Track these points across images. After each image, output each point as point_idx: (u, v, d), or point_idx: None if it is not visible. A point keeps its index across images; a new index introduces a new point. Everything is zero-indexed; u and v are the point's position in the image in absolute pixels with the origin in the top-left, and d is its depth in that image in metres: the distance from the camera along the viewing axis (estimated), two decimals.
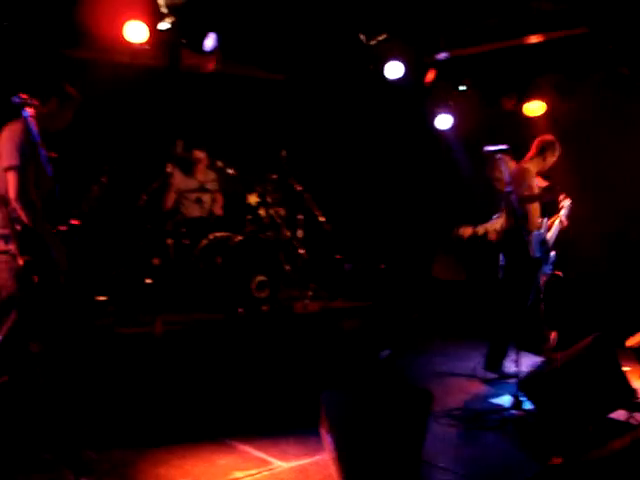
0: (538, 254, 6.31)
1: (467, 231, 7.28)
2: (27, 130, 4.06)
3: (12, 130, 4.51)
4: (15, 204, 4.40)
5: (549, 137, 6.61)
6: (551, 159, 6.56)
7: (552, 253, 6.62)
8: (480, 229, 7.27)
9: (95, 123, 7.23)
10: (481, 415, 5.19)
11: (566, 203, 6.87)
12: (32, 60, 6.55)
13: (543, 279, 6.47)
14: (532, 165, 6.50)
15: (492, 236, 7.07)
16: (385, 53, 7.73)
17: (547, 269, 6.57)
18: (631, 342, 6.63)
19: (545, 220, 6.59)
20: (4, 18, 6.19)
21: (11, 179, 4.41)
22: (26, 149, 4.40)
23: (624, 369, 5.18)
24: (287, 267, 7.17)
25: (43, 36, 6.55)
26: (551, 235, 6.69)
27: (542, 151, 6.52)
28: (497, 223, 7.00)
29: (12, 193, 4.40)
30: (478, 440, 4.79)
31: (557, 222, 6.77)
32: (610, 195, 7.53)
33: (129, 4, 6.50)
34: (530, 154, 6.55)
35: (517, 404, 5.25)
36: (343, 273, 7.75)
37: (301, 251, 7.30)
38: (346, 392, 3.92)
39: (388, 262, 8.38)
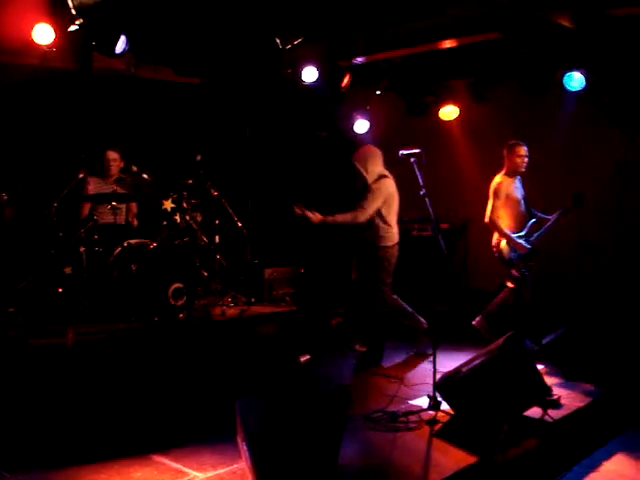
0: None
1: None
2: None
3: None
4: None
5: (510, 141, 6.97)
6: (516, 159, 6.85)
7: None
8: None
9: (3, 128, 7.03)
10: (400, 416, 5.21)
11: None
12: None
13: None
14: (506, 171, 6.92)
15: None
16: (301, 57, 7.72)
17: None
18: (546, 340, 6.81)
19: None
20: None
21: None
22: None
23: (538, 367, 5.29)
24: (204, 273, 7.09)
25: None
26: None
27: (506, 155, 6.92)
28: None
29: None
30: (396, 442, 4.79)
31: None
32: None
33: (38, 6, 6.33)
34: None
35: (435, 405, 5.28)
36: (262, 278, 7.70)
37: (218, 257, 7.23)
38: (261, 399, 3.87)
39: (308, 266, 8.36)
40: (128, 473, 4.29)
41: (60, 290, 6.31)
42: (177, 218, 6.94)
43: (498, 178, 6.91)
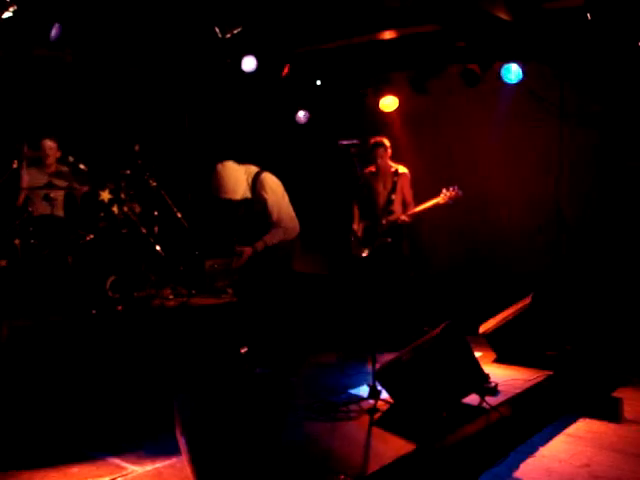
0: None
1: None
2: None
3: None
4: None
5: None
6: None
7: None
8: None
9: None
10: (340, 406, 5.24)
11: None
12: None
13: None
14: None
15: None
16: (241, 47, 7.68)
17: None
18: (483, 328, 6.94)
19: None
20: None
21: None
22: None
23: (476, 354, 5.37)
24: (143, 265, 7.00)
25: None
26: None
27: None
28: None
29: None
30: (336, 432, 4.82)
31: None
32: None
33: None
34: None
35: (374, 393, 5.33)
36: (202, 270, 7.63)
37: (157, 248, 7.14)
38: (199, 392, 3.84)
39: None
40: (64, 469, 4.22)
41: None
42: (115, 209, 6.83)
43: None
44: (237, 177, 6.22)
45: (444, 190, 7.01)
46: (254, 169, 6.35)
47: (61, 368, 5.36)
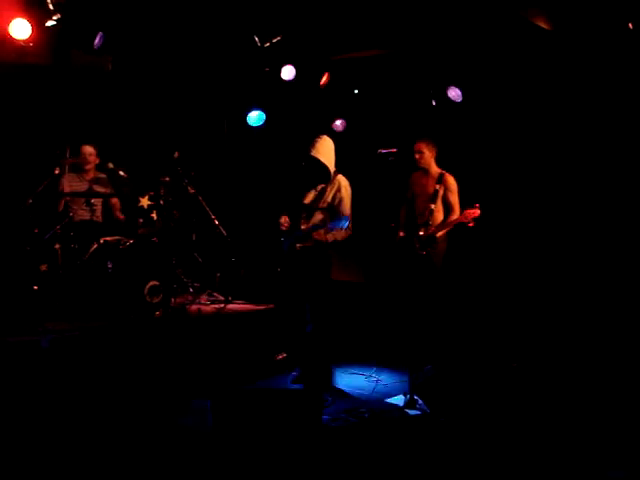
0: None
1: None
2: None
3: None
4: None
5: None
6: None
7: None
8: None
9: None
10: (376, 415, 5.23)
11: None
12: None
13: None
14: None
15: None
16: (280, 55, 7.74)
17: None
18: None
19: None
20: None
21: None
22: None
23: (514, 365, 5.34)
24: (181, 271, 7.06)
25: None
26: None
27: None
28: None
29: None
30: (373, 440, 4.81)
31: None
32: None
33: (15, 1, 6.29)
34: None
35: (411, 403, 5.31)
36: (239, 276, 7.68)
37: (195, 254, 7.20)
38: (237, 397, 3.86)
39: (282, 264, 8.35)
40: None
41: (35, 288, 6.26)
42: (154, 215, 6.90)
43: None
44: (331, 151, 6.23)
45: (465, 211, 6.83)
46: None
47: (98, 371, 5.43)
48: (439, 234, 6.81)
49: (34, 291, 6.29)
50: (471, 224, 6.59)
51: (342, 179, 6.21)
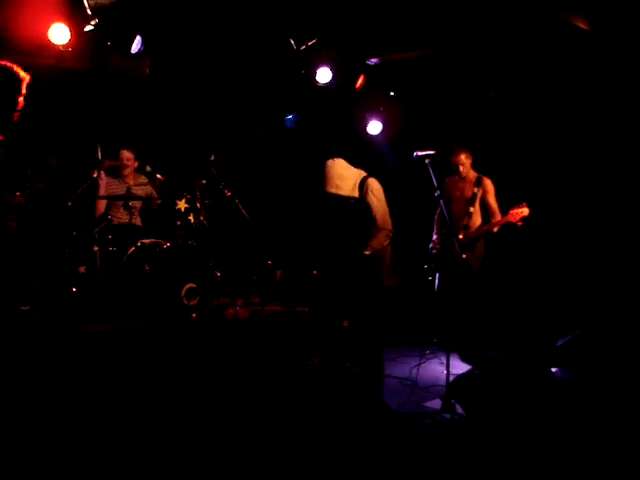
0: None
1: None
2: None
3: None
4: None
5: None
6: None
7: None
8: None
9: (19, 128, 7.04)
10: (413, 419, 5.20)
11: None
12: None
13: None
14: None
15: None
16: (315, 58, 7.73)
17: None
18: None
19: None
20: None
21: None
22: None
23: (552, 370, 5.26)
24: (217, 273, 7.08)
25: None
26: None
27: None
28: None
29: None
30: (409, 443, 4.78)
31: None
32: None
33: (54, 6, 6.37)
34: None
35: (448, 407, 5.27)
36: (275, 279, 7.69)
37: (232, 257, 7.22)
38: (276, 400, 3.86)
39: (321, 268, 8.34)
40: None
41: (74, 289, 6.33)
42: (191, 218, 6.94)
43: None
44: (344, 174, 6.17)
45: (512, 210, 6.73)
46: (363, 172, 6.31)
47: (138, 373, 5.46)
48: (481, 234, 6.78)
49: (73, 293, 6.36)
50: (519, 224, 6.52)
51: (370, 183, 6.21)
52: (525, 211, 6.46)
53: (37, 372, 5.11)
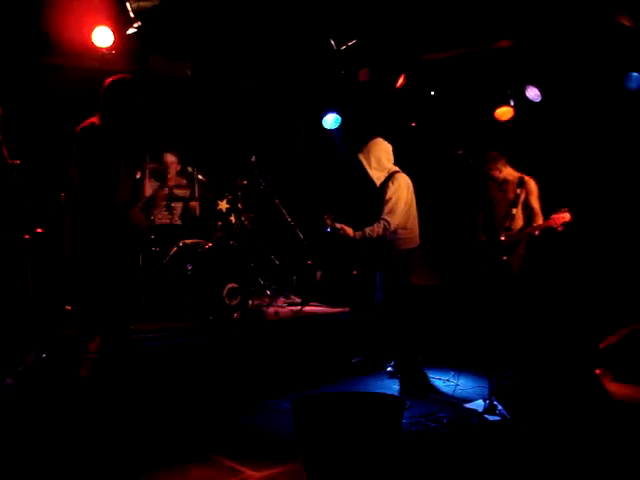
0: None
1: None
2: None
3: None
4: None
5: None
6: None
7: None
8: None
9: (63, 130, 7.15)
10: (455, 420, 5.17)
11: None
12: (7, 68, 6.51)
13: None
14: None
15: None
16: (356, 58, 7.74)
17: None
18: (602, 346, 6.68)
19: None
20: None
21: None
22: None
23: (597, 373, 5.20)
24: (258, 274, 7.13)
25: (11, 43, 6.48)
26: None
27: None
28: None
29: None
30: (452, 445, 4.76)
31: None
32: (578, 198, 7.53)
33: (97, 9, 6.44)
34: None
35: (490, 409, 5.23)
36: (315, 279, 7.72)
37: (272, 257, 7.26)
38: (317, 400, 3.87)
39: (361, 268, 8.35)
40: (185, 470, 4.33)
41: None
42: (232, 219, 6.99)
43: None
44: (382, 158, 6.32)
45: (554, 215, 6.65)
46: (397, 168, 6.40)
47: (180, 371, 5.52)
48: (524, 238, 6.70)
49: None
50: (560, 229, 6.43)
51: (398, 176, 6.25)
52: (567, 217, 6.37)
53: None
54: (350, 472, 3.58)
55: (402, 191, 6.27)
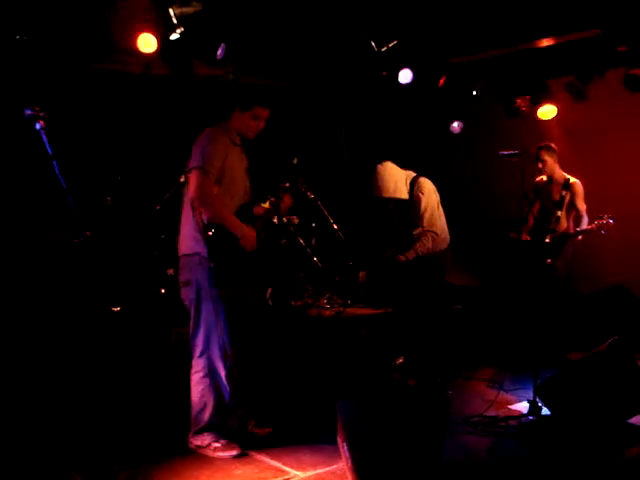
0: None
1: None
2: None
3: (205, 134, 4.75)
4: (195, 204, 4.56)
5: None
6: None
7: None
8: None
9: (109, 134, 7.28)
10: (499, 421, 5.15)
11: None
12: (54, 73, 6.63)
13: None
14: None
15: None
16: (397, 59, 7.73)
17: None
18: None
19: None
20: (23, 32, 6.23)
21: (191, 179, 4.59)
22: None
23: None
24: (301, 275, 7.16)
25: (62, 48, 6.61)
26: None
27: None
28: None
29: (191, 193, 4.57)
30: (496, 447, 4.74)
31: None
32: (625, 200, 7.43)
33: (141, 15, 6.55)
34: None
35: (535, 410, 5.20)
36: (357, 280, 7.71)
37: (314, 259, 7.29)
38: (362, 400, 3.89)
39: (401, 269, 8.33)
40: (229, 470, 4.38)
41: (162, 291, 6.49)
42: (274, 220, 7.02)
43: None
44: (396, 176, 6.28)
45: (597, 221, 6.58)
46: (412, 173, 6.38)
47: None
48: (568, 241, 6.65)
49: (161, 294, 6.52)
50: (603, 233, 6.40)
51: (421, 182, 6.27)
52: (610, 222, 6.33)
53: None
54: (398, 469, 3.61)
55: (432, 197, 6.32)
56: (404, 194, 6.26)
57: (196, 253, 4.62)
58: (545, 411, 5.16)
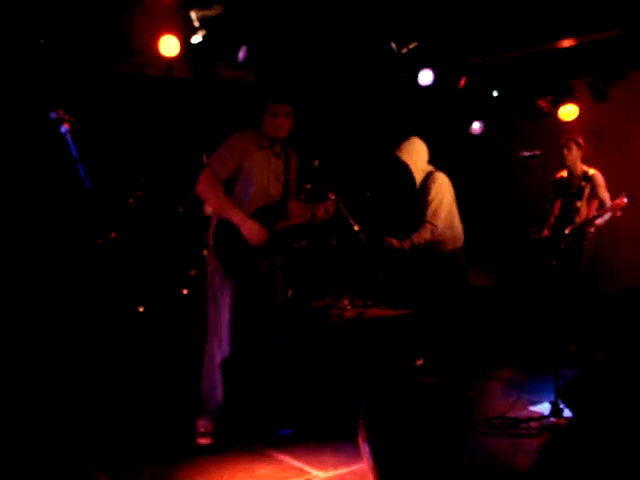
0: None
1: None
2: None
3: (228, 138, 4.89)
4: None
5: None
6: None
7: None
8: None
9: (131, 136, 7.34)
10: (520, 423, 5.14)
11: None
12: (77, 76, 6.70)
13: None
14: None
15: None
16: (417, 61, 7.74)
17: None
18: None
19: None
20: (43, 36, 6.31)
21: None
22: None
23: None
24: (322, 276, 7.18)
25: (86, 52, 6.69)
26: None
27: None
28: None
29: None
30: (517, 448, 4.74)
31: None
32: None
33: (163, 18, 6.60)
34: None
35: (556, 412, 5.18)
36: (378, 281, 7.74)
37: (336, 260, 7.31)
38: (383, 400, 3.91)
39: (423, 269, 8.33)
40: (252, 470, 4.40)
41: (185, 292, 6.54)
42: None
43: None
44: (421, 155, 6.26)
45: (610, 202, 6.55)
46: (432, 167, 6.33)
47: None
48: (589, 228, 6.62)
49: (184, 295, 6.58)
50: (619, 214, 6.36)
51: (438, 175, 6.21)
52: (624, 201, 6.27)
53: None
54: (419, 470, 3.62)
55: (444, 190, 6.17)
56: (415, 172, 6.21)
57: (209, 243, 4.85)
58: (567, 413, 5.13)
